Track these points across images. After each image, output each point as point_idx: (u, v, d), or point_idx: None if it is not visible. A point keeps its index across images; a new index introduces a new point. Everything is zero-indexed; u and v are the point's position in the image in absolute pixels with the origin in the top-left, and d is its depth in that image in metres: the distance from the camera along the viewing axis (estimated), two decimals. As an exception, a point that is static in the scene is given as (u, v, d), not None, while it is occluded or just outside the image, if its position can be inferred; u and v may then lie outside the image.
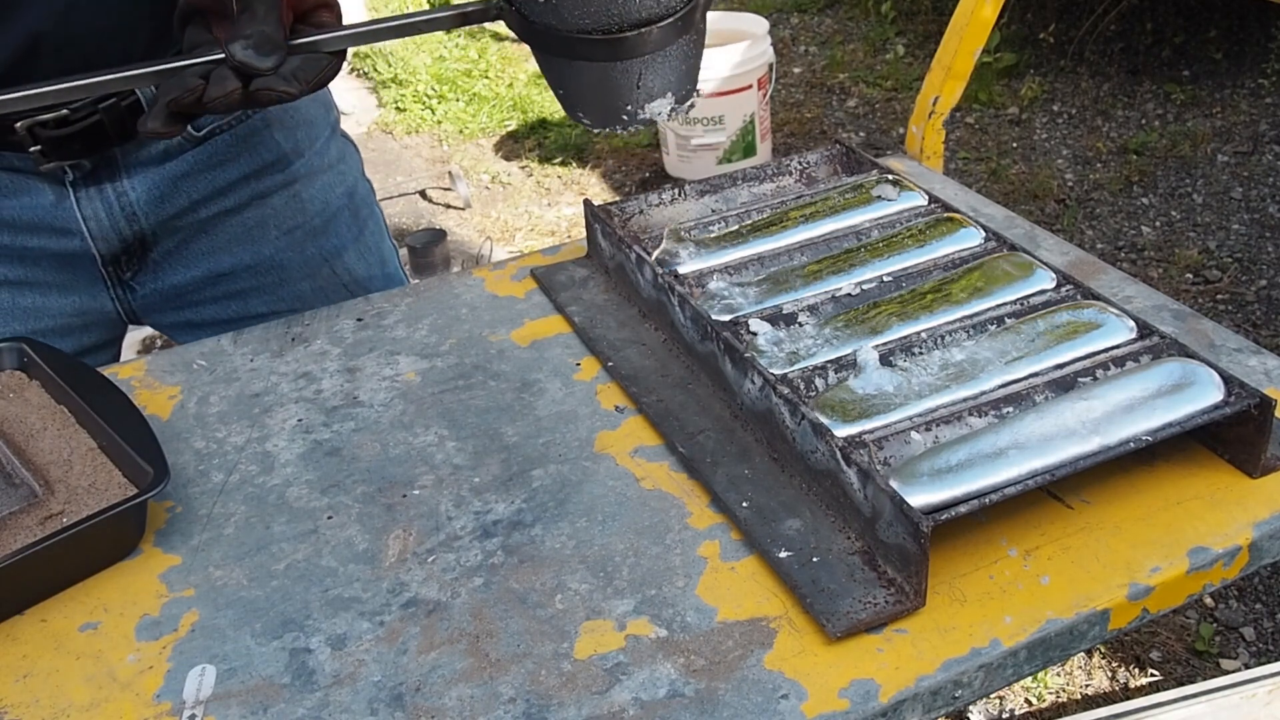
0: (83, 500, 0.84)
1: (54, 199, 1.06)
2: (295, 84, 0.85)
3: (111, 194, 1.08)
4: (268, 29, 0.84)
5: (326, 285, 1.21)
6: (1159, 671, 1.88)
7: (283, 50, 0.84)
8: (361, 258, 1.24)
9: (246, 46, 0.83)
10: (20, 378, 0.96)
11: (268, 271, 1.19)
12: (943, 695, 0.70)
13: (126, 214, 1.09)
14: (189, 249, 1.15)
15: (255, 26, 0.83)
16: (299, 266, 1.19)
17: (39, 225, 1.07)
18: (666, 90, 0.84)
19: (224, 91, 0.83)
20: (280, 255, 1.18)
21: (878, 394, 0.85)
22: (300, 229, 1.18)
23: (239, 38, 0.83)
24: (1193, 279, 2.81)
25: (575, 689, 0.71)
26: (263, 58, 0.83)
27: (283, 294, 1.20)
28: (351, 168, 1.25)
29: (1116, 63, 3.73)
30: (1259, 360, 0.93)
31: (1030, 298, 0.95)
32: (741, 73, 3.23)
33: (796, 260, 1.03)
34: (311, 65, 0.86)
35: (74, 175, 1.05)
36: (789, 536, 0.79)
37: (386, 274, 1.27)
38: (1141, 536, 0.78)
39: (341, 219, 1.21)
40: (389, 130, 4.05)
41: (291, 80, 0.85)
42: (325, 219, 1.20)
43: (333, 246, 1.21)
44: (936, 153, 1.28)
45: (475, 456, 0.91)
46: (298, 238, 1.19)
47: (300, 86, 0.85)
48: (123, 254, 1.12)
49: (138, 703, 0.73)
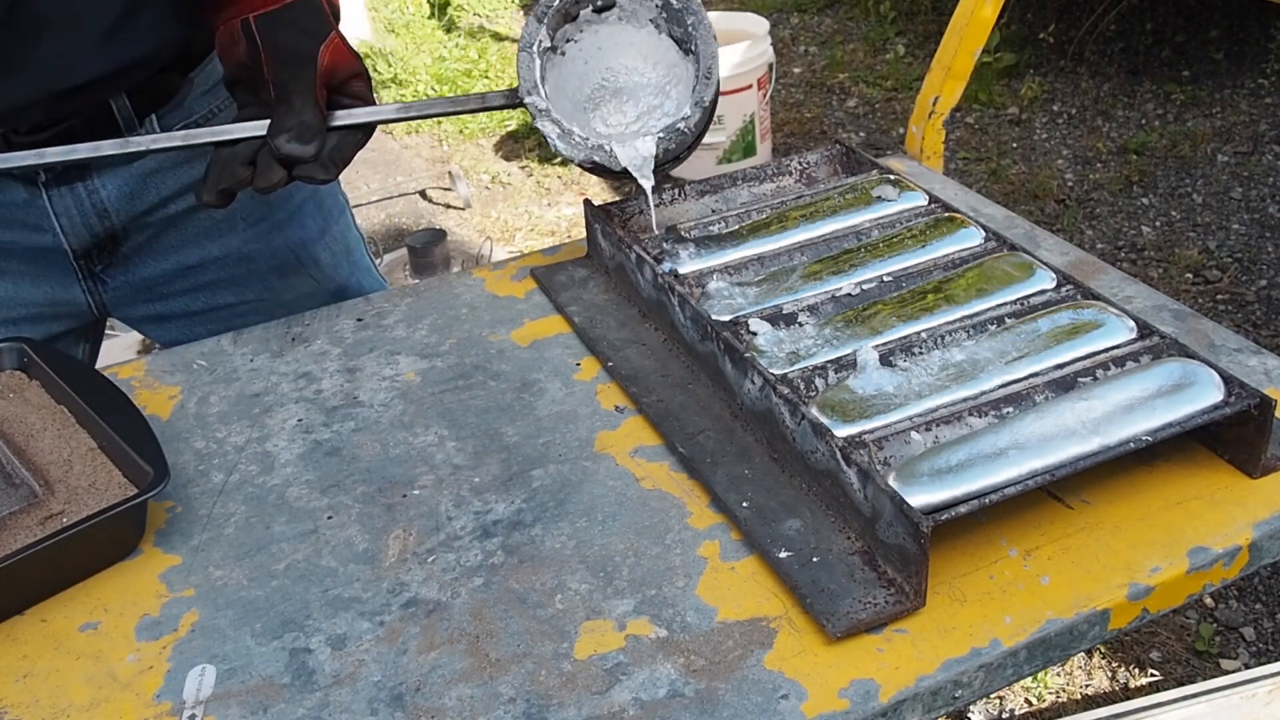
0: (83, 500, 0.84)
1: (27, 197, 1.08)
2: (333, 168, 0.95)
3: (83, 191, 1.09)
4: (306, 118, 0.93)
5: (293, 275, 1.24)
6: (1159, 671, 1.88)
7: (322, 135, 0.94)
8: (328, 248, 1.26)
9: (290, 140, 0.92)
10: (20, 378, 0.96)
11: (236, 263, 1.21)
12: (943, 695, 0.70)
13: (98, 210, 1.11)
14: (158, 243, 1.17)
15: (295, 118, 0.93)
16: (266, 257, 1.21)
17: (11, 221, 1.09)
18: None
19: (271, 183, 0.94)
20: (247, 247, 1.20)
21: (878, 394, 0.85)
22: (266, 221, 1.20)
23: (282, 131, 0.93)
24: (1193, 279, 2.81)
25: (575, 689, 0.71)
26: (304, 146, 0.93)
27: (251, 284, 1.22)
28: None
29: (1116, 63, 3.73)
30: (1259, 360, 0.93)
31: (1030, 298, 0.95)
32: (741, 73, 3.23)
33: (796, 260, 1.03)
34: (348, 143, 0.97)
35: (46, 176, 1.07)
36: (789, 536, 0.79)
37: (353, 263, 1.29)
38: (1141, 536, 0.78)
39: (307, 211, 1.23)
40: (389, 130, 4.05)
41: (330, 166, 0.94)
42: (290, 211, 1.22)
43: (299, 238, 1.23)
44: (936, 153, 1.28)
45: (475, 456, 0.91)
46: (264, 230, 1.21)
47: (337, 169, 0.95)
48: (94, 248, 1.14)
49: (138, 703, 0.73)
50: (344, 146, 0.96)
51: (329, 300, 1.20)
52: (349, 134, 0.96)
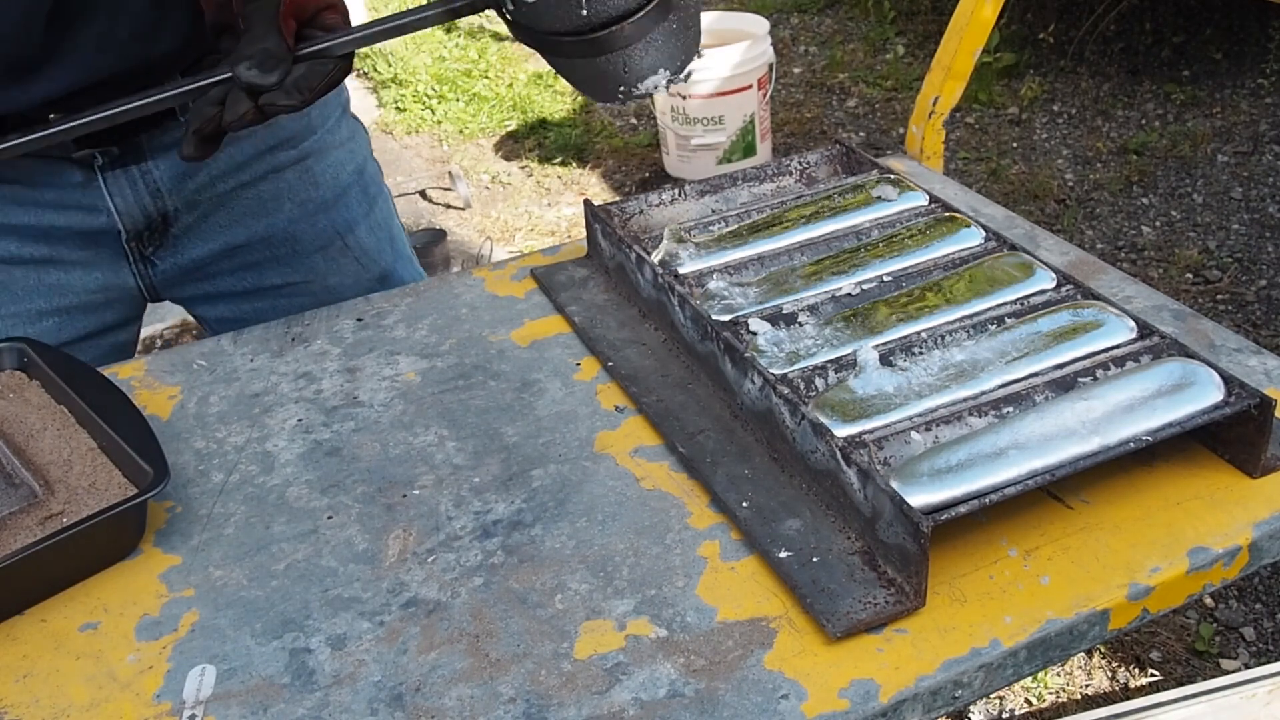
0: (83, 500, 0.84)
1: (82, 180, 1.10)
2: (297, 95, 0.89)
3: (137, 173, 1.11)
4: (269, 45, 0.88)
5: (338, 257, 1.25)
6: (1159, 671, 1.88)
7: (285, 63, 0.88)
8: (372, 232, 1.27)
9: (250, 66, 0.87)
10: (20, 378, 0.96)
11: (281, 243, 1.22)
12: (943, 695, 0.70)
13: (151, 191, 1.13)
14: (207, 223, 1.19)
15: (256, 45, 0.88)
16: (311, 239, 1.23)
17: (67, 204, 1.10)
18: (657, 68, 0.87)
19: (238, 115, 0.88)
20: (293, 227, 1.22)
21: (878, 394, 0.85)
22: (312, 202, 1.22)
23: (243, 59, 0.87)
24: (1193, 279, 2.81)
25: (575, 689, 0.71)
26: (266, 74, 0.87)
27: (296, 265, 1.24)
28: (360, 146, 1.29)
29: (1116, 63, 3.73)
30: (1259, 360, 0.93)
31: (1030, 298, 0.95)
32: (741, 73, 3.23)
33: (796, 260, 1.03)
34: (316, 72, 0.90)
35: (103, 160, 1.09)
36: (789, 536, 0.79)
37: (395, 250, 1.31)
38: (1141, 536, 0.78)
39: (352, 194, 1.25)
40: (389, 130, 4.05)
41: (294, 92, 0.89)
42: (336, 193, 1.23)
43: (344, 220, 1.25)
44: (936, 153, 1.28)
45: (475, 456, 0.91)
46: (310, 210, 1.22)
47: (303, 96, 0.89)
48: (146, 230, 1.16)
49: (138, 703, 0.73)
50: (311, 75, 0.90)
51: (373, 287, 1.21)
52: (318, 64, 0.91)
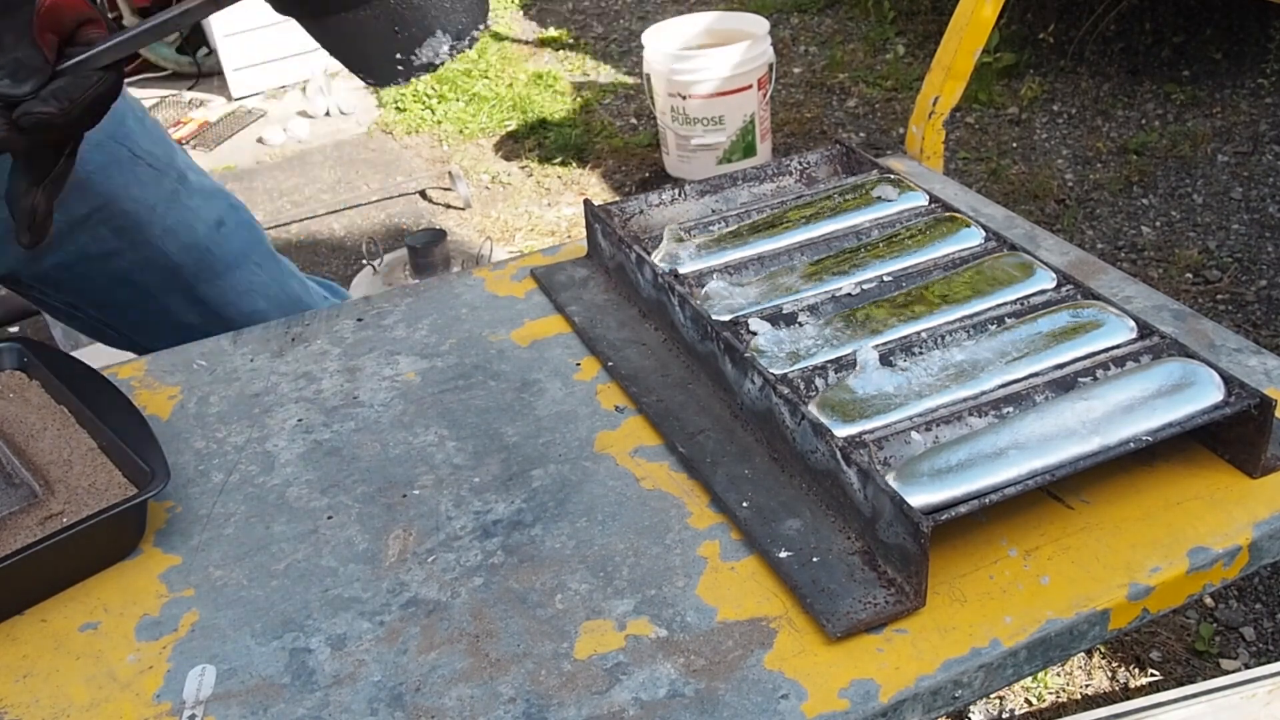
0: (83, 500, 0.84)
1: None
2: (55, 102, 0.83)
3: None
4: (20, 54, 0.83)
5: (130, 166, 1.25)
6: (1159, 671, 1.88)
7: (42, 74, 0.83)
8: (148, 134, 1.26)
9: (2, 78, 0.82)
10: (20, 378, 0.96)
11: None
12: (943, 695, 0.70)
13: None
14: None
15: (7, 55, 0.82)
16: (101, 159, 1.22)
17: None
18: (435, 29, 0.79)
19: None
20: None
21: (878, 394, 0.85)
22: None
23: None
24: (1193, 279, 2.81)
25: (575, 689, 0.71)
26: (18, 84, 0.82)
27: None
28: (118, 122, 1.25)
29: (1116, 63, 3.73)
30: (1259, 360, 0.93)
31: (1030, 298, 0.95)
32: (741, 73, 3.23)
33: (797, 260, 1.03)
34: (78, 84, 0.84)
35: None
36: (789, 536, 0.79)
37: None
38: (1141, 536, 0.78)
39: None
40: (389, 130, 4.05)
41: (50, 100, 0.83)
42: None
43: (122, 132, 1.23)
44: (936, 153, 1.28)
45: (475, 456, 0.91)
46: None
47: (63, 104, 0.83)
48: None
49: (138, 703, 0.73)
50: (72, 88, 0.85)
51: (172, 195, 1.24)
52: (80, 77, 0.85)
